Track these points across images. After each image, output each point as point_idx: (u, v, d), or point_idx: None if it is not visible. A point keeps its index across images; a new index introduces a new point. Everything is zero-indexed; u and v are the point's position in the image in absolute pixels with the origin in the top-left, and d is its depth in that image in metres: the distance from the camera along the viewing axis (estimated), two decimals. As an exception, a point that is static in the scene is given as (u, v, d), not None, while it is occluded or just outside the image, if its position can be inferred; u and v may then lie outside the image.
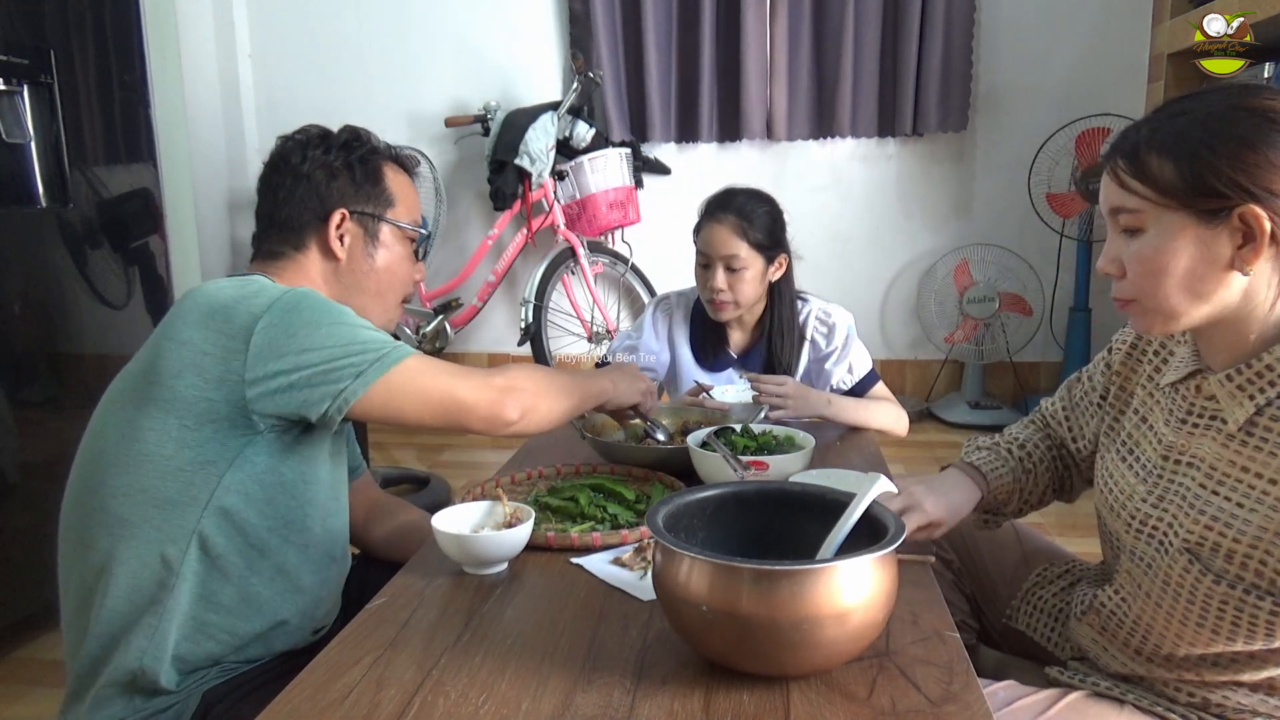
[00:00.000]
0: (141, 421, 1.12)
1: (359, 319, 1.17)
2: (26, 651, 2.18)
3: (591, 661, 0.92)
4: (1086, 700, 1.10)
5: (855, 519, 0.93)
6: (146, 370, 1.14)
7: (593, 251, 3.83)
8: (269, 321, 1.10)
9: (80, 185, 2.37)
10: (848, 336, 1.95)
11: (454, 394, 1.16)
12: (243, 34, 4.16)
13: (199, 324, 1.12)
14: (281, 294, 1.13)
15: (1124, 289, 0.98)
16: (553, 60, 4.06)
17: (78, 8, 2.39)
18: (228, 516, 1.14)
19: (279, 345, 1.09)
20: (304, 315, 1.11)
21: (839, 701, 0.84)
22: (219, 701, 1.14)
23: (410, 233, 1.36)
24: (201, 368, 1.10)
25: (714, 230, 1.87)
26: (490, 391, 1.18)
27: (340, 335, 1.12)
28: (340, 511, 1.31)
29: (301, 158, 1.28)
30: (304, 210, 1.28)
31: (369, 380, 1.11)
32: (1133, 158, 0.93)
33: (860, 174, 4.00)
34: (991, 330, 3.87)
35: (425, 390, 1.15)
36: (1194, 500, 0.99)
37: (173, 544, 1.12)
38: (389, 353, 1.13)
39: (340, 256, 1.29)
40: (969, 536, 1.41)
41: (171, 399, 1.11)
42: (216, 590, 1.15)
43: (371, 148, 1.33)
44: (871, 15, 3.73)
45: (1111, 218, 0.98)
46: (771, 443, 1.50)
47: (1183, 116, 0.92)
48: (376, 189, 1.32)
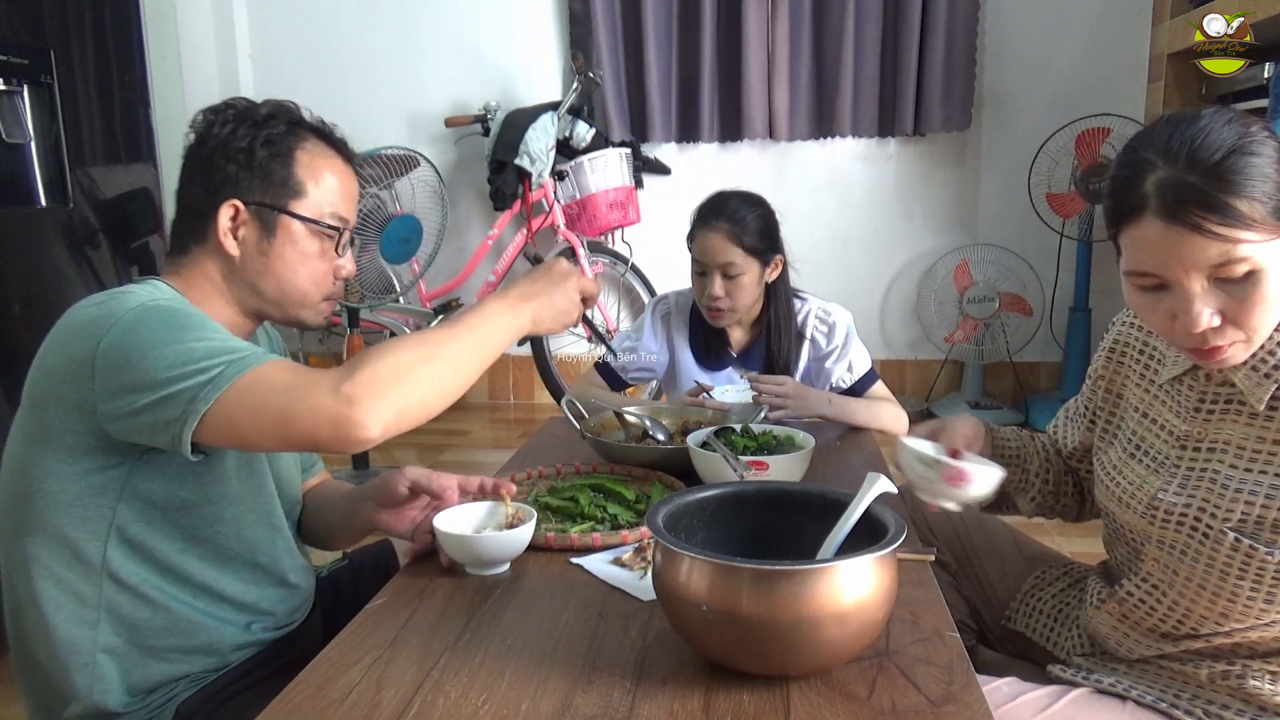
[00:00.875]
0: (24, 457, 1.05)
1: (207, 330, 1.01)
2: (26, 651, 2.17)
3: (591, 661, 0.92)
4: (1089, 696, 1.10)
5: (855, 519, 0.93)
6: (27, 400, 1.07)
7: (593, 251, 3.83)
8: (108, 345, 0.99)
9: (80, 185, 2.37)
10: (847, 335, 1.95)
11: (288, 414, 0.94)
12: (243, 34, 4.16)
13: (58, 348, 1.04)
14: (126, 312, 1.01)
15: (1227, 335, 0.94)
16: (553, 60, 4.06)
17: (78, 8, 2.39)
18: (132, 545, 1.07)
19: (118, 372, 0.98)
20: (140, 336, 0.99)
21: (839, 701, 0.84)
22: (194, 714, 1.11)
23: (319, 229, 1.17)
24: (61, 396, 1.02)
25: (708, 238, 1.86)
26: (333, 403, 0.93)
27: (175, 356, 0.97)
28: (260, 519, 1.20)
29: (209, 135, 1.15)
30: (203, 197, 1.14)
31: (198, 409, 0.95)
32: (1219, 209, 0.89)
33: (861, 174, 4.00)
34: (991, 330, 3.87)
35: (258, 411, 0.95)
36: (1226, 482, 1.02)
37: (84, 581, 1.07)
38: (222, 371, 0.96)
39: (232, 252, 1.14)
40: (966, 539, 1.42)
41: (44, 431, 1.03)
42: (144, 619, 1.09)
43: (288, 127, 1.17)
44: (872, 15, 3.73)
45: (1206, 271, 0.92)
46: (771, 443, 1.50)
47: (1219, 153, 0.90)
48: (280, 175, 1.15)
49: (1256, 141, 0.90)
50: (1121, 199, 0.95)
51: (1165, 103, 3.38)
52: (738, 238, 1.85)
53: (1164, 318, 0.96)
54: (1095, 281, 3.71)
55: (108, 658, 1.08)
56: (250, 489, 1.18)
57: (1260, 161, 0.90)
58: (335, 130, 1.24)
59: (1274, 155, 0.91)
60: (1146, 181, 0.92)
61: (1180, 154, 0.90)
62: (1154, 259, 0.93)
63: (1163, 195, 0.91)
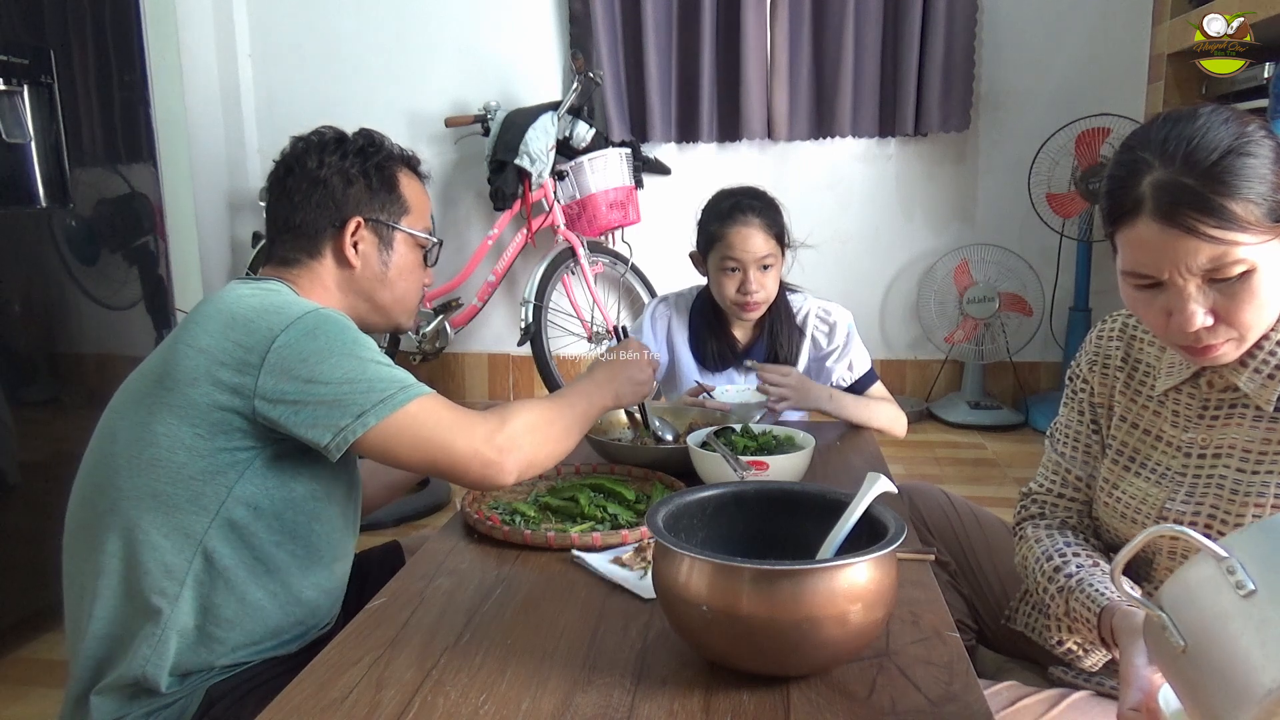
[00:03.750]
0: (154, 426, 1.11)
1: (375, 352, 1.15)
2: (26, 651, 2.18)
3: (591, 661, 0.92)
4: (1089, 700, 1.10)
5: (855, 519, 0.93)
6: (161, 374, 1.13)
7: (593, 251, 3.83)
8: (286, 341, 1.09)
9: (80, 185, 2.37)
10: (848, 335, 1.95)
11: (449, 449, 1.13)
12: (243, 34, 4.16)
13: (219, 332, 1.12)
14: (303, 314, 1.12)
15: (1220, 333, 0.94)
16: (553, 60, 4.06)
17: (78, 8, 2.39)
18: (235, 529, 1.13)
19: (292, 368, 1.09)
20: (320, 341, 1.10)
21: (839, 701, 0.84)
22: (223, 698, 1.13)
23: (422, 240, 1.35)
24: (216, 377, 1.10)
25: (745, 235, 1.84)
26: (488, 450, 1.14)
27: (351, 369, 1.10)
28: (350, 525, 1.29)
29: (318, 162, 1.27)
30: (320, 216, 1.27)
31: (368, 422, 1.09)
32: (1215, 212, 0.89)
33: (860, 174, 4.00)
34: (991, 330, 3.87)
35: (421, 440, 1.12)
36: (1235, 486, 1.01)
37: (178, 553, 1.11)
38: (394, 394, 1.11)
39: (355, 264, 1.28)
40: (965, 540, 1.42)
41: (186, 405, 1.10)
42: (219, 603, 1.14)
43: (388, 153, 1.32)
44: (872, 15, 3.72)
45: (1206, 272, 0.91)
46: (771, 443, 1.50)
47: (1216, 155, 0.90)
48: (391, 196, 1.30)
49: (1253, 141, 0.90)
50: (1118, 199, 0.95)
51: (1165, 103, 3.37)
52: (771, 229, 1.86)
53: (1159, 315, 0.96)
54: (1095, 281, 3.70)
55: (172, 631, 1.11)
56: (348, 492, 1.27)
57: (1256, 162, 0.90)
58: (415, 155, 1.39)
59: (1270, 155, 0.91)
60: (1143, 182, 0.92)
61: (1177, 154, 0.90)
62: (1150, 259, 0.93)
63: (1159, 197, 0.91)
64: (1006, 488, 3.08)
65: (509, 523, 1.26)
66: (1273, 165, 0.90)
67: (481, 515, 1.27)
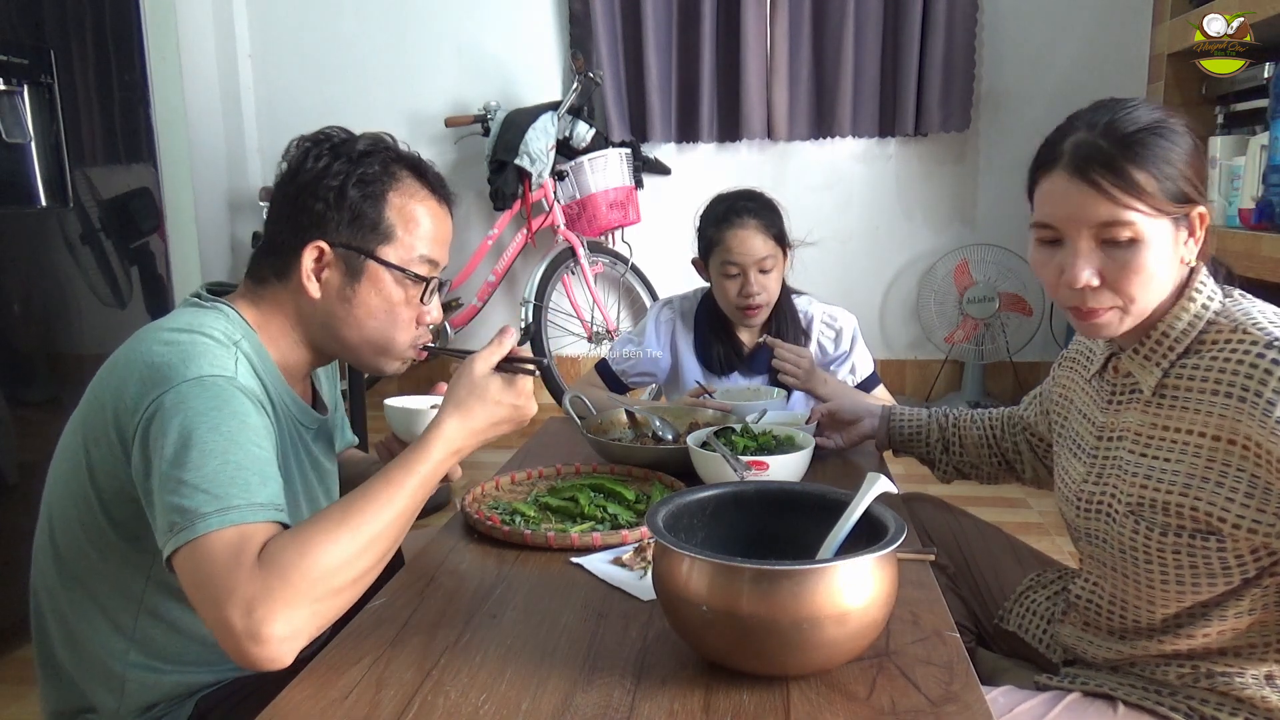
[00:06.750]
0: (82, 477, 1.05)
1: (236, 442, 0.93)
2: (26, 651, 2.17)
3: (591, 661, 0.92)
4: (1083, 700, 1.11)
5: (855, 519, 0.93)
6: (81, 426, 1.07)
7: (593, 251, 3.83)
8: (157, 405, 0.95)
9: (80, 185, 2.37)
10: (854, 339, 1.98)
11: (209, 612, 0.85)
12: (243, 34, 4.16)
13: (132, 377, 1.01)
14: (181, 381, 0.96)
15: (1104, 298, 1.02)
16: (553, 60, 4.06)
17: (78, 8, 2.39)
18: (169, 589, 1.07)
19: (146, 442, 0.95)
20: (175, 421, 0.93)
21: (839, 701, 0.84)
22: (214, 709, 1.11)
23: (397, 277, 1.11)
24: (111, 439, 1.01)
25: (743, 238, 1.84)
26: (235, 617, 0.83)
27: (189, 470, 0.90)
28: None
29: (298, 169, 1.10)
30: (289, 234, 1.10)
31: (171, 545, 0.89)
32: (1118, 173, 0.97)
33: (860, 174, 4.00)
34: (991, 330, 3.87)
35: (191, 590, 0.88)
36: (1126, 466, 1.08)
37: (123, 611, 1.08)
38: (195, 522, 0.87)
39: (314, 295, 1.09)
40: (964, 542, 1.43)
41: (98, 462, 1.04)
42: (178, 650, 1.10)
43: (383, 165, 1.11)
44: (872, 15, 3.72)
45: (1094, 229, 0.99)
46: (771, 443, 1.50)
47: (1133, 128, 0.98)
48: (370, 219, 1.09)
49: (1173, 130, 0.99)
50: (1042, 155, 1.04)
51: (1165, 102, 3.37)
52: (769, 230, 1.86)
53: (1054, 273, 1.04)
54: (1095, 281, 3.71)
55: (133, 676, 1.09)
56: (309, 509, 1.18)
57: (1168, 145, 0.98)
58: (431, 166, 1.19)
59: (1184, 146, 0.99)
60: (1066, 142, 1.01)
61: (1100, 123, 1.00)
62: (1054, 210, 1.02)
63: (1074, 153, 1.00)
64: (1006, 489, 3.08)
65: (509, 523, 1.26)
66: (1183, 155, 0.99)
67: (481, 515, 1.27)
